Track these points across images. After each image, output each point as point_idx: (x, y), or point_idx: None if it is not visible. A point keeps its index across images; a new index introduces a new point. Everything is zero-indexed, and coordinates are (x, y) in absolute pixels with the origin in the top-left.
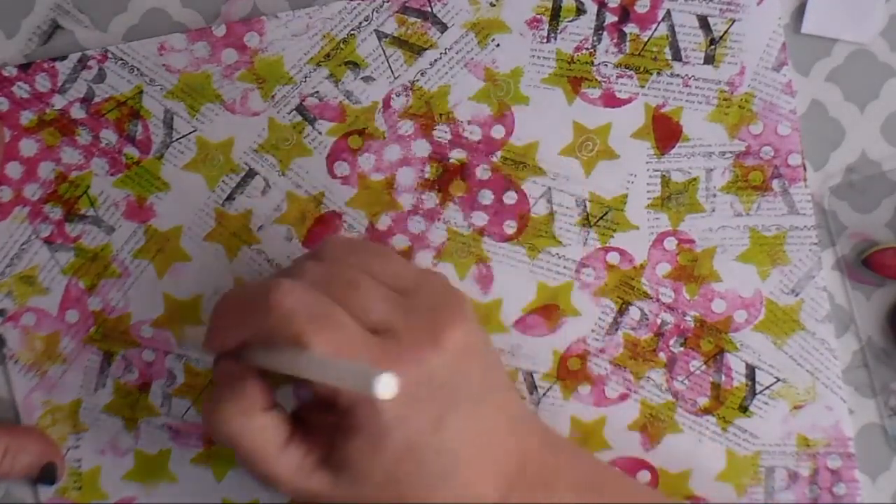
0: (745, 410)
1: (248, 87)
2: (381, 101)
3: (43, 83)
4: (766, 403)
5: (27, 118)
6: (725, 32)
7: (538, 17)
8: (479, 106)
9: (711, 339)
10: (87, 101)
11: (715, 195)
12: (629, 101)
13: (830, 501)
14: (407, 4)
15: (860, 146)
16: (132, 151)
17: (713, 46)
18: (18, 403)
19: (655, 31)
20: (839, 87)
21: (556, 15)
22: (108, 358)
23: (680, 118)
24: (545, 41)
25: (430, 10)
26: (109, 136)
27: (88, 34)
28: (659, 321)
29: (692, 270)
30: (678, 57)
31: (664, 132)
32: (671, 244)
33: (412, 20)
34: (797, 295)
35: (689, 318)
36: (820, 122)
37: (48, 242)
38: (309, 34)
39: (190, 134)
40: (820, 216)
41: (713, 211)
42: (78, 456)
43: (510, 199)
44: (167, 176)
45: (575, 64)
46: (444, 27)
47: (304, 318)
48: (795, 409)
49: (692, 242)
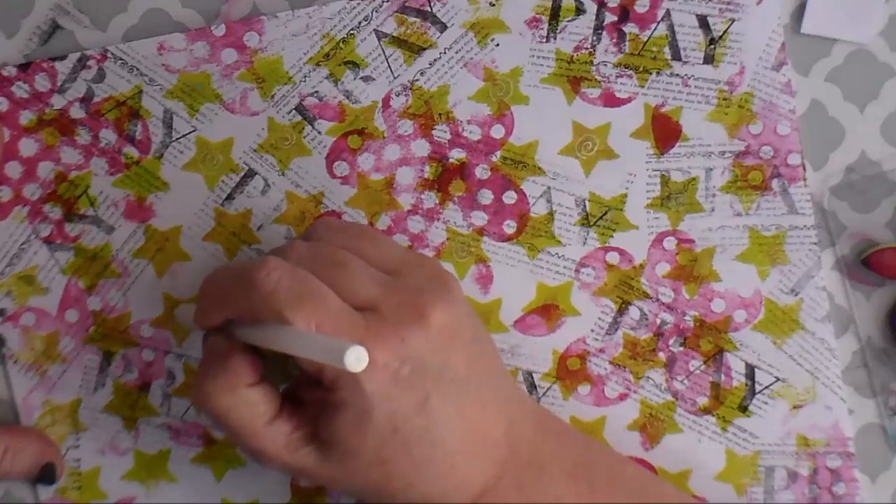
0: (744, 410)
1: (247, 86)
2: (380, 100)
3: (42, 83)
4: (765, 403)
5: (27, 118)
6: (725, 32)
7: (538, 16)
8: (478, 106)
9: (711, 338)
10: (86, 100)
11: (714, 195)
12: (629, 100)
13: (830, 501)
14: (406, 4)
15: (860, 146)
16: (132, 151)
17: (713, 46)
18: (18, 403)
19: (655, 30)
20: (839, 87)
21: (555, 15)
22: (107, 358)
23: (679, 118)
24: (545, 41)
25: (429, 9)
26: (109, 135)
27: (88, 34)
28: (658, 321)
29: (692, 270)
30: (678, 57)
31: (664, 132)
32: (671, 244)
33: (412, 20)
34: (797, 295)
35: (688, 317)
36: (820, 122)
37: (48, 242)
38: (308, 34)
39: (189, 134)
40: (820, 216)
41: (713, 211)
42: (77, 456)
43: (510, 198)
44: (167, 176)
45: (574, 64)
46: (443, 27)
47: (287, 295)
48: (795, 408)
49: (692, 242)
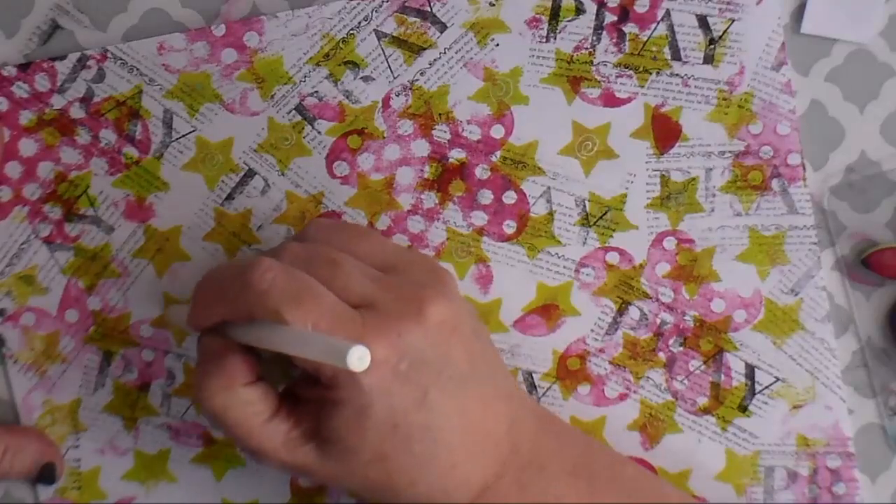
0: (744, 410)
1: (247, 86)
2: (380, 100)
3: (42, 83)
4: (765, 403)
5: (26, 118)
6: (725, 32)
7: (537, 16)
8: (478, 105)
9: (711, 338)
10: (86, 100)
11: (714, 195)
12: (628, 100)
13: (830, 501)
14: (406, 4)
15: (860, 146)
16: (131, 151)
17: (712, 46)
18: (18, 403)
19: (655, 30)
20: (839, 87)
21: (555, 15)
22: (107, 357)
23: (679, 118)
24: (544, 41)
25: (429, 9)
26: (109, 135)
27: (88, 34)
28: (658, 321)
29: (691, 270)
30: (677, 56)
31: (663, 132)
32: (670, 244)
33: (411, 20)
34: (796, 294)
35: (688, 317)
36: (819, 122)
37: (48, 242)
38: (308, 34)
39: (189, 134)
40: (820, 216)
41: (712, 211)
42: (77, 456)
43: (509, 198)
44: (167, 176)
45: (574, 63)
46: (443, 27)
47: (282, 294)
48: (795, 408)
49: (691, 242)
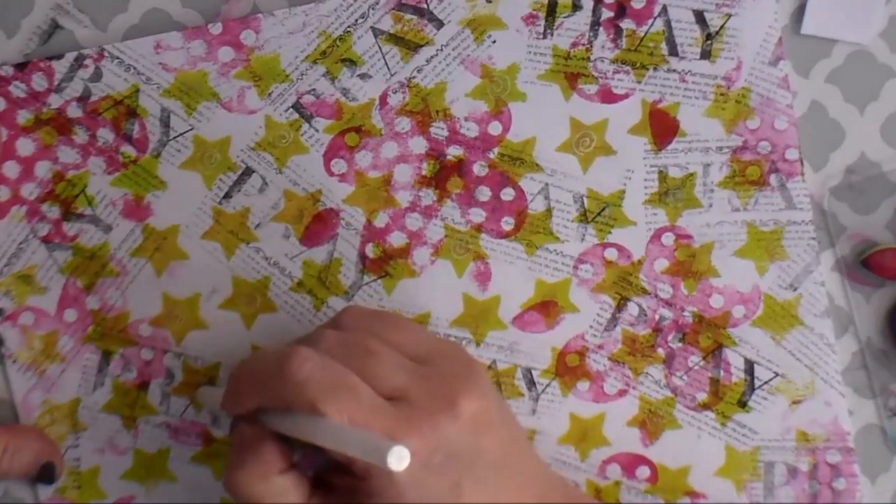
0: (743, 406)
1: (244, 84)
2: (377, 98)
3: (39, 82)
4: (764, 399)
5: (24, 117)
6: (721, 27)
7: (534, 13)
8: (475, 102)
9: (710, 334)
10: (83, 99)
11: (712, 190)
12: (626, 96)
13: (830, 496)
14: (403, 1)
15: (860, 147)
16: (129, 150)
17: (709, 41)
18: (17, 403)
19: (651, 26)
20: (839, 88)
21: (552, 11)
22: (106, 357)
23: (677, 113)
24: (541, 37)
25: (426, 6)
26: (106, 134)
27: (88, 34)
28: (657, 317)
29: (690, 266)
30: (674, 52)
31: (661, 128)
32: (669, 240)
33: (408, 17)
34: (795, 290)
35: (687, 313)
36: (820, 122)
37: (46, 241)
38: (305, 31)
39: (187, 132)
40: (819, 217)
41: (711, 206)
42: (77, 455)
43: (507, 195)
44: (164, 174)
45: (571, 60)
46: (440, 24)
47: (319, 386)
48: (794, 404)
49: (690, 238)
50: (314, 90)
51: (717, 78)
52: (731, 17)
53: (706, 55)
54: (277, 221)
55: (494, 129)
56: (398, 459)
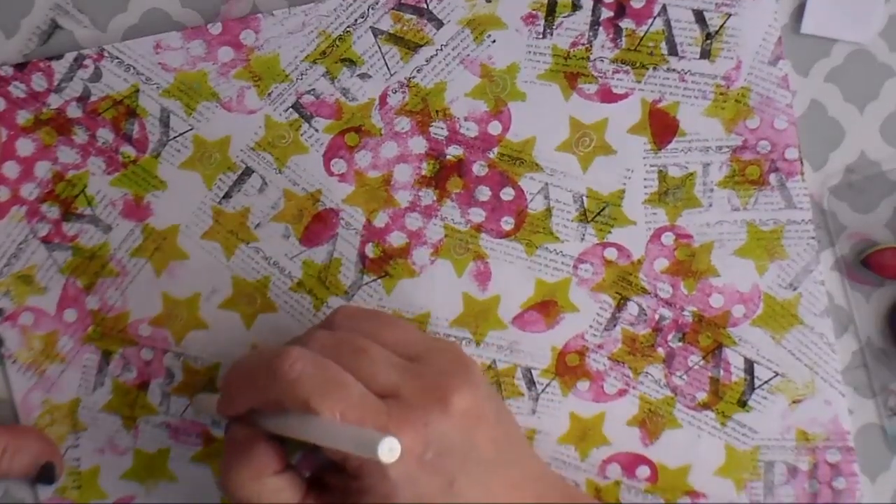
0: (743, 405)
1: (244, 84)
2: (377, 98)
3: (39, 82)
4: (764, 398)
5: (24, 117)
6: (721, 27)
7: (534, 12)
8: (475, 102)
9: (710, 334)
10: (83, 100)
11: (712, 190)
12: (625, 96)
13: (830, 495)
14: (402, 1)
15: (859, 146)
16: (129, 150)
17: (709, 41)
18: (17, 403)
19: (651, 26)
20: (838, 87)
21: (551, 11)
22: (106, 357)
23: (676, 113)
24: (541, 37)
25: (425, 6)
26: (106, 134)
27: (88, 34)
28: (657, 316)
29: (690, 265)
30: (674, 52)
31: (661, 127)
32: (668, 239)
33: (408, 17)
34: (795, 289)
35: (687, 313)
36: (819, 122)
37: (46, 242)
38: (305, 31)
39: (186, 132)
40: (819, 216)
41: (710, 206)
42: (77, 455)
43: (507, 195)
44: (164, 174)
45: (571, 59)
46: (439, 24)
47: (310, 384)
48: (794, 403)
49: (690, 237)
50: (314, 90)
51: (716, 77)
52: (730, 16)
53: (706, 55)
54: (277, 221)
55: (494, 128)
56: (389, 451)
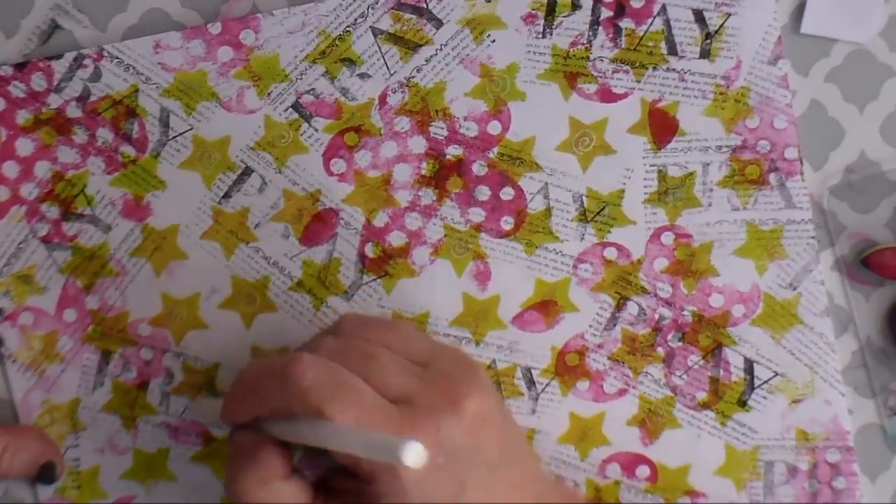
0: (743, 405)
1: (243, 84)
2: (377, 97)
3: (39, 82)
4: (764, 398)
5: (23, 117)
6: (721, 26)
7: (533, 12)
8: (475, 102)
9: (709, 333)
10: (82, 99)
11: (712, 189)
12: (625, 96)
13: (830, 495)
14: (402, 1)
15: (859, 146)
16: (128, 150)
17: (709, 41)
18: (17, 403)
19: (651, 25)
20: (838, 87)
21: (551, 10)
22: (106, 357)
23: (676, 113)
24: (541, 37)
25: (425, 6)
26: (106, 134)
27: (88, 34)
28: (657, 316)
29: (689, 265)
30: (674, 51)
31: (660, 127)
32: (668, 239)
33: (407, 17)
34: (795, 289)
35: (686, 312)
36: (819, 122)
37: (45, 241)
38: (304, 31)
39: (186, 132)
40: (819, 216)
41: (710, 205)
42: (77, 455)
43: (507, 195)
44: (164, 174)
45: (571, 59)
46: (439, 23)
47: (323, 390)
48: (794, 403)
49: (689, 237)
50: (313, 90)
51: (716, 77)
52: (730, 16)
53: (705, 54)
54: (277, 221)
55: (494, 128)
56: (415, 456)
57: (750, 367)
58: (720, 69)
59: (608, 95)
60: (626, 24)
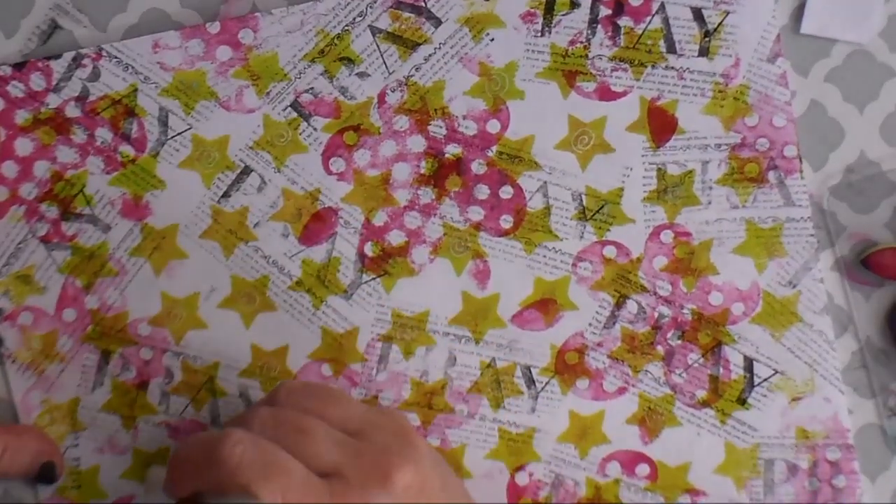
0: (743, 403)
1: (242, 83)
2: (375, 96)
3: (37, 82)
4: (764, 396)
5: (22, 117)
6: (719, 24)
7: (532, 10)
8: (474, 101)
9: (709, 331)
10: (81, 99)
11: (711, 187)
12: (624, 94)
13: (830, 493)
14: (401, 0)
15: (859, 146)
16: (127, 149)
17: (707, 38)
18: (16, 403)
19: (650, 23)
20: (838, 87)
21: (550, 9)
22: (105, 356)
23: (675, 111)
24: (539, 35)
25: (424, 5)
26: (105, 134)
27: (87, 34)
28: (656, 314)
29: (689, 263)
30: (673, 49)
31: (659, 125)
32: (668, 237)
33: (406, 15)
34: (794, 287)
35: (686, 311)
36: (819, 122)
37: (45, 241)
38: (303, 30)
39: (185, 131)
40: (819, 217)
41: (709, 203)
42: (76, 455)
43: (506, 193)
44: (163, 174)
45: (569, 58)
46: (438, 22)
47: (251, 468)
48: (794, 401)
49: (689, 235)
50: (312, 89)
51: (715, 75)
52: (728, 14)
53: (704, 52)
54: (276, 220)
55: (493, 127)
56: None
57: (750, 365)
58: (719, 67)
59: (607, 94)
60: (624, 22)
